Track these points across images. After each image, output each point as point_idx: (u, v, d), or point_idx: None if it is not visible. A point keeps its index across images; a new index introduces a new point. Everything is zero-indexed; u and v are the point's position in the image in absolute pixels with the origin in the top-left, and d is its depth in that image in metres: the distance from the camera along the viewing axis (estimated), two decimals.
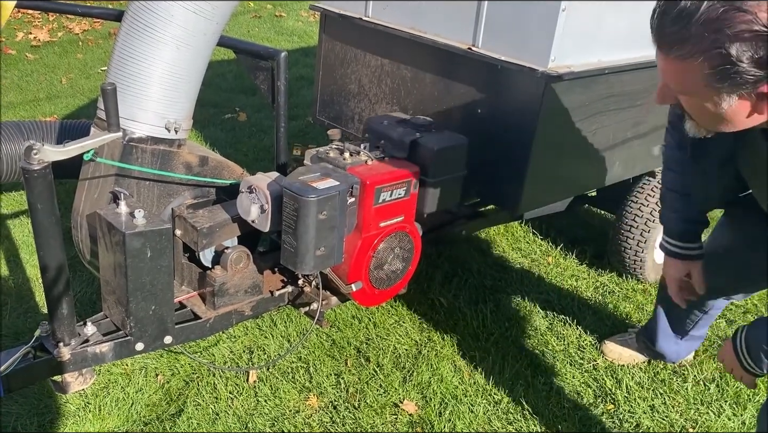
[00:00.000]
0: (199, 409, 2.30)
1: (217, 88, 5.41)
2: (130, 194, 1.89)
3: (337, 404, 2.36)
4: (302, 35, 7.34)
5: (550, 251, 3.36)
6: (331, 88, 3.05)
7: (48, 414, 2.25)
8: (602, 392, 2.46)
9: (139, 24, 1.80)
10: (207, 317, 2.00)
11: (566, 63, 2.23)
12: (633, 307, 2.95)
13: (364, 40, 2.81)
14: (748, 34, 1.04)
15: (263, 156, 4.25)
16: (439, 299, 2.92)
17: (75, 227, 2.02)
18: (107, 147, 1.86)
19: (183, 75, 1.88)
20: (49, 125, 2.98)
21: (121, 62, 1.85)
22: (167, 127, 1.91)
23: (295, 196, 1.83)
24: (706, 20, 1.06)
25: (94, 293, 2.81)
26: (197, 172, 2.06)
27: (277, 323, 2.71)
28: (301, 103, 5.16)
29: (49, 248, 1.61)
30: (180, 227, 2.00)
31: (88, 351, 1.77)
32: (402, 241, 2.21)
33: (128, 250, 1.67)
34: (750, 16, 1.03)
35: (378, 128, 2.29)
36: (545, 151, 2.36)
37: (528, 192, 2.40)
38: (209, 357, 2.53)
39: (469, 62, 2.41)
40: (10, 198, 3.60)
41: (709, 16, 1.06)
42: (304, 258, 1.90)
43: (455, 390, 2.43)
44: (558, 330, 2.78)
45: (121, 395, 2.33)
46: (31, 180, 1.51)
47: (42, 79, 5.66)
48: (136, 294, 1.74)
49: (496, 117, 2.40)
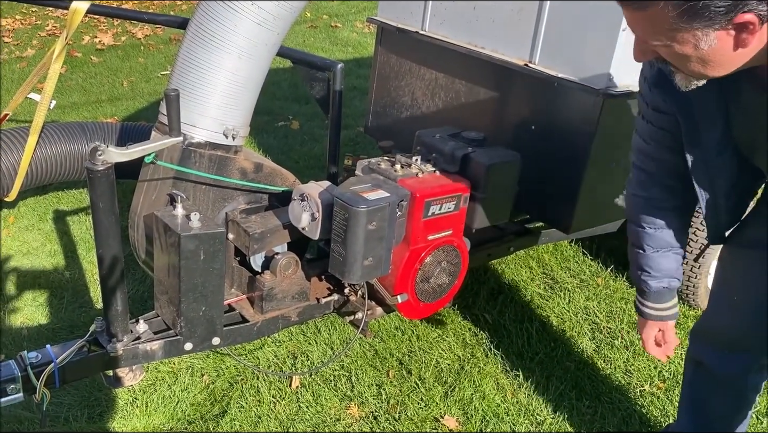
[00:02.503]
0: (242, 411, 2.33)
1: (271, 96, 5.51)
2: (187, 197, 1.93)
3: (377, 414, 2.36)
4: (356, 46, 7.42)
5: (600, 272, 3.30)
6: (384, 99, 3.07)
7: (97, 407, 2.31)
8: (647, 419, 2.39)
9: (204, 33, 1.86)
10: (254, 320, 2.03)
11: (624, 82, 2.20)
12: (683, 333, 2.86)
13: (419, 53, 2.83)
14: None
15: (314, 164, 4.31)
16: (483, 315, 2.89)
17: (132, 226, 2.08)
18: (167, 150, 1.91)
19: (243, 83, 1.92)
20: (110, 126, 3.09)
21: (184, 69, 1.90)
22: (225, 134, 1.96)
23: (346, 205, 1.84)
24: None
25: (146, 291, 2.89)
26: (252, 178, 2.10)
27: (321, 331, 2.73)
28: (352, 114, 5.21)
29: (108, 246, 1.66)
30: (233, 231, 2.05)
31: (139, 348, 1.81)
32: (449, 255, 2.21)
33: (183, 251, 1.71)
34: None
35: (430, 141, 2.30)
36: (600, 170, 2.33)
37: (580, 212, 2.37)
38: (254, 360, 2.57)
39: (525, 78, 2.40)
40: (69, 195, 3.73)
41: None
42: (352, 267, 1.91)
43: (497, 408, 2.41)
44: (605, 353, 2.72)
45: (168, 393, 2.38)
46: (94, 180, 1.57)
47: (105, 81, 5.86)
48: (188, 295, 1.78)
49: (550, 134, 2.38)
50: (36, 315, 2.75)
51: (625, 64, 2.17)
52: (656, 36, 1.14)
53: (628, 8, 1.13)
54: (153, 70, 6.24)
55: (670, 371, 2.64)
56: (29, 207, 3.58)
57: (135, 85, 5.82)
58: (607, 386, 2.54)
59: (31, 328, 2.68)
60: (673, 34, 1.10)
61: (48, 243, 3.28)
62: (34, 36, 7.17)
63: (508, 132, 2.52)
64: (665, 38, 1.13)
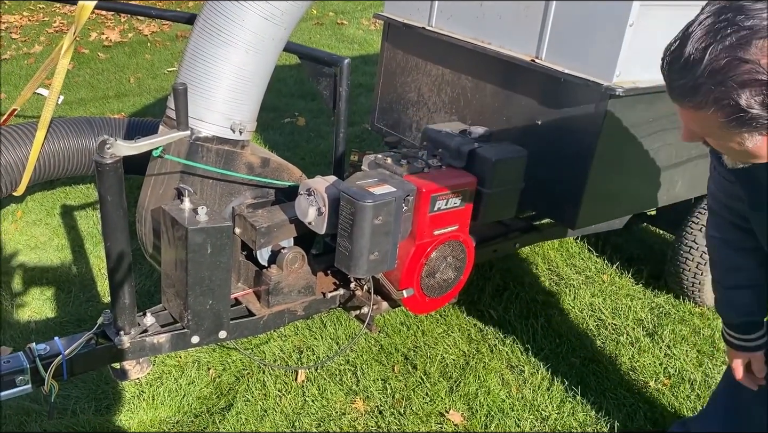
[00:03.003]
0: (248, 405, 2.34)
1: (277, 93, 5.52)
2: (194, 192, 1.94)
3: (383, 409, 2.37)
4: (362, 43, 7.42)
5: (606, 268, 3.30)
6: (390, 95, 3.08)
7: (104, 400, 2.33)
8: (654, 415, 2.40)
9: (212, 27, 1.86)
10: (261, 314, 2.04)
11: (631, 78, 2.20)
12: (689, 330, 2.87)
13: (426, 49, 2.83)
14: (753, 83, 1.02)
15: (320, 160, 4.31)
16: (489, 311, 2.90)
17: (139, 220, 2.10)
18: (174, 145, 1.92)
19: (250, 78, 1.93)
20: (118, 122, 3.10)
21: (191, 64, 1.91)
22: (232, 128, 1.96)
23: (352, 200, 1.85)
24: (711, 72, 1.05)
25: (153, 286, 2.90)
26: (258, 173, 2.11)
27: (326, 325, 2.74)
28: (358, 110, 5.21)
29: (116, 239, 1.67)
30: (239, 226, 2.05)
31: (146, 341, 1.82)
32: (455, 250, 2.21)
33: (190, 245, 1.72)
34: (751, 65, 1.01)
35: (436, 137, 2.30)
36: (606, 166, 2.33)
37: (586, 208, 2.37)
38: (260, 355, 2.58)
39: (531, 74, 2.40)
40: (77, 190, 3.75)
41: (713, 68, 1.05)
42: (358, 262, 1.92)
43: (502, 403, 2.41)
44: (610, 350, 2.72)
45: (174, 386, 2.40)
46: (103, 173, 1.57)
47: (112, 77, 5.88)
48: (195, 288, 1.79)
49: (556, 130, 2.38)
50: (43, 309, 2.77)
51: (631, 61, 2.16)
52: (704, 131, 1.19)
53: (681, 106, 1.17)
54: (159, 67, 6.26)
55: (676, 367, 2.64)
56: (37, 202, 3.60)
57: (142, 81, 5.84)
58: (612, 382, 2.54)
59: (38, 321, 2.70)
60: (721, 133, 1.15)
61: (55, 237, 3.30)
62: (41, 32, 7.20)
63: (515, 128, 2.52)
64: (713, 134, 1.18)
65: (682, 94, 1.13)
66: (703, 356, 2.72)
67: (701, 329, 2.87)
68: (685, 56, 1.08)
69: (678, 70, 1.11)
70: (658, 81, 2.26)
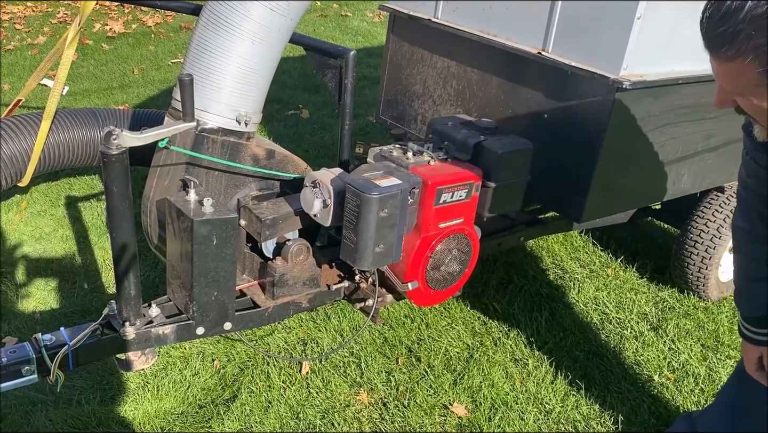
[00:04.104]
0: (253, 396, 2.35)
1: (282, 85, 5.51)
2: (199, 183, 1.94)
3: (386, 401, 2.37)
4: (366, 35, 7.39)
5: (610, 262, 3.29)
6: (396, 88, 3.07)
7: (110, 390, 2.34)
8: (657, 409, 2.40)
9: (217, 18, 1.86)
10: (266, 306, 2.04)
11: (638, 72, 2.19)
12: (693, 324, 2.86)
13: (431, 41, 2.82)
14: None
15: (324, 153, 4.31)
16: (493, 304, 2.90)
17: (144, 212, 2.10)
18: (180, 136, 1.92)
19: (256, 69, 1.92)
20: (122, 113, 3.09)
21: (197, 55, 1.91)
22: (238, 120, 1.96)
23: (358, 192, 1.85)
24: (752, 18, 1.04)
25: (158, 277, 2.90)
26: (264, 164, 2.11)
27: (331, 317, 2.75)
28: (362, 103, 5.20)
29: (121, 230, 1.67)
30: (245, 217, 2.05)
31: (151, 332, 1.83)
32: (460, 243, 2.21)
33: (195, 236, 1.72)
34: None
35: (442, 129, 2.29)
36: (612, 160, 2.32)
37: (592, 201, 2.36)
38: (264, 346, 2.59)
39: (538, 66, 2.38)
40: (81, 181, 3.75)
41: (754, 14, 1.04)
42: (363, 254, 1.91)
43: (506, 396, 2.41)
44: (614, 343, 2.72)
45: (179, 377, 2.40)
46: (108, 164, 1.57)
47: (116, 69, 5.87)
48: (200, 279, 1.79)
49: (563, 123, 2.37)
50: (48, 300, 2.78)
51: (639, 54, 2.15)
52: (738, 88, 1.18)
53: (717, 58, 1.16)
54: (163, 58, 6.25)
55: (680, 362, 2.63)
56: (41, 193, 3.60)
57: (145, 72, 5.83)
58: (616, 376, 2.54)
59: (43, 312, 2.70)
60: (754, 89, 1.14)
61: (60, 228, 3.30)
62: (45, 23, 7.18)
63: (521, 121, 2.51)
64: (747, 91, 1.17)
65: (720, 44, 1.12)
66: (707, 350, 2.71)
67: (706, 324, 2.87)
68: (725, 5, 1.08)
69: (718, 20, 1.10)
70: (665, 74, 2.28)
